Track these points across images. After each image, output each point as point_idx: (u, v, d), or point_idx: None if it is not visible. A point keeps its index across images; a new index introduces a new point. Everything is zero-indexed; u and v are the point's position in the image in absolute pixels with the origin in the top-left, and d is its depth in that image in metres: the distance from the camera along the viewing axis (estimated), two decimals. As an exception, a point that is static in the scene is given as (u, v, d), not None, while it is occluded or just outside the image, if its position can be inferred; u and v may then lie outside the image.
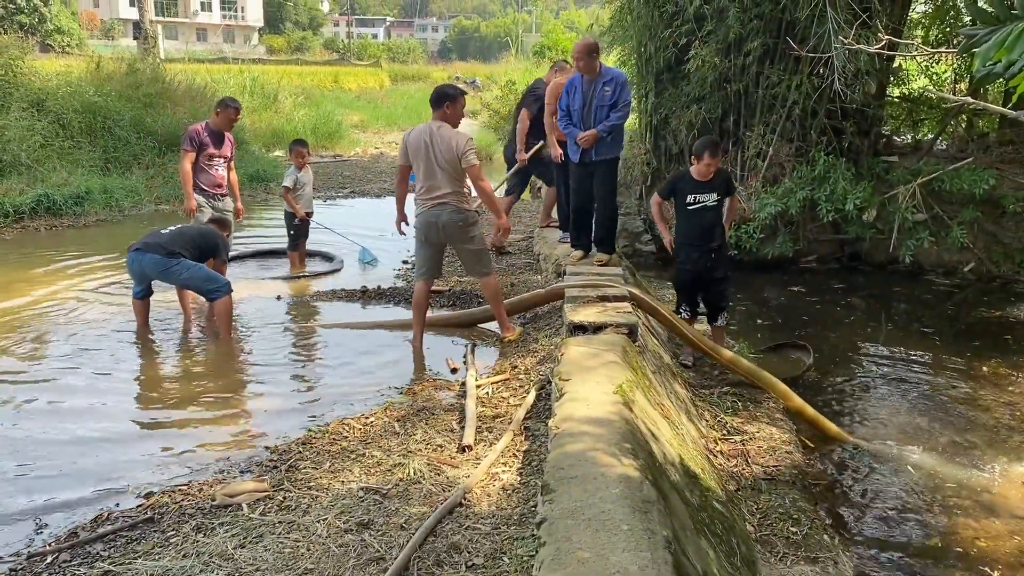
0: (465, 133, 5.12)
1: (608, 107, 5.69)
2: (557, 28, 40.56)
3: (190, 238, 5.56)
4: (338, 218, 10.36)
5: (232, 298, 5.51)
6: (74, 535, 3.03)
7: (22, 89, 11.69)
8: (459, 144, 4.99)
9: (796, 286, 8.52)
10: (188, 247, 5.46)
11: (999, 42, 2.11)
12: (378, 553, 2.72)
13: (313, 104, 21.59)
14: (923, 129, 11.15)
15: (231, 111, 6.70)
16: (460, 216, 5.13)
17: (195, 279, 5.43)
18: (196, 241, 5.57)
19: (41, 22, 39.71)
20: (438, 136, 5.01)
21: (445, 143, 4.99)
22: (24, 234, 9.02)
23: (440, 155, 4.99)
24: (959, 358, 6.39)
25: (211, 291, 5.42)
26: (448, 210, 5.08)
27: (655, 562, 2.13)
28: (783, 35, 8.56)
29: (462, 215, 5.14)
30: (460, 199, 5.13)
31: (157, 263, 5.33)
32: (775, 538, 3.53)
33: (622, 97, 5.78)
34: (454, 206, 5.09)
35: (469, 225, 5.21)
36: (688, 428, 4.21)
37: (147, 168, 11.97)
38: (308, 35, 66.29)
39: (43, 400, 4.48)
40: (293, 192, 7.48)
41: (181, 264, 5.35)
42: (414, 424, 3.94)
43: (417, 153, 5.06)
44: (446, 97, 5.07)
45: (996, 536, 3.85)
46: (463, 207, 5.15)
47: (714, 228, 5.38)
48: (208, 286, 5.42)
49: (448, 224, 5.12)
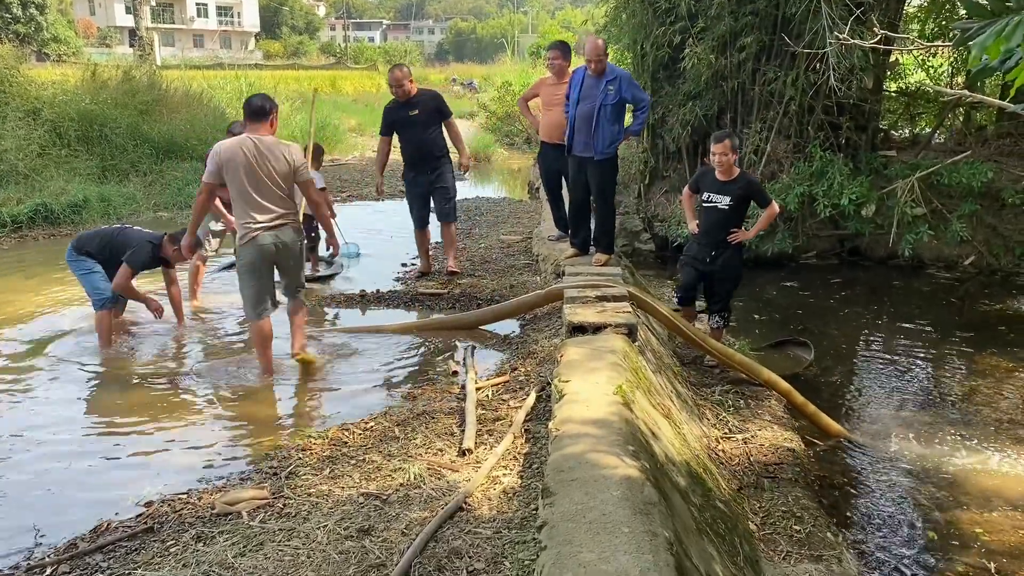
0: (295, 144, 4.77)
1: (612, 106, 5.71)
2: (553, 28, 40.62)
3: (107, 240, 5.50)
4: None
5: (107, 316, 5.40)
6: (73, 546, 3.02)
7: (18, 98, 11.67)
8: (295, 157, 4.63)
9: (796, 282, 8.51)
10: (97, 248, 5.44)
11: (995, 34, 2.09)
12: (379, 559, 2.71)
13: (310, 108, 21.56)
14: (921, 123, 11.16)
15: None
16: (300, 236, 4.88)
17: (84, 283, 5.44)
18: (108, 243, 5.47)
19: (38, 31, 39.71)
20: (265, 149, 4.55)
21: (276, 156, 4.58)
22: (22, 244, 9.01)
23: (273, 170, 4.57)
24: (960, 352, 6.38)
25: (92, 301, 5.42)
26: (289, 231, 4.72)
27: (657, 565, 2.12)
28: (778, 31, 8.55)
29: (301, 235, 4.89)
30: (296, 218, 4.84)
31: (67, 254, 5.42)
32: (778, 537, 3.52)
33: (635, 95, 5.80)
34: (294, 226, 4.78)
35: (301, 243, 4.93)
36: (690, 427, 4.19)
37: (145, 175, 11.95)
38: (304, 39, 66.35)
39: (40, 409, 4.46)
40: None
41: (78, 263, 5.39)
42: (414, 428, 3.92)
43: (237, 170, 4.51)
44: (268, 112, 4.61)
45: (999, 530, 3.84)
46: (299, 226, 4.89)
47: (721, 230, 5.34)
48: (92, 296, 5.40)
49: (292, 244, 4.76)
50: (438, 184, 6.83)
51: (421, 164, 6.76)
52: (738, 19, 8.70)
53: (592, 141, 5.78)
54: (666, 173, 10.28)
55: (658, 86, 9.65)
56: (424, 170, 6.78)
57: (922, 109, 10.93)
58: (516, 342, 5.46)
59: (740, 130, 9.27)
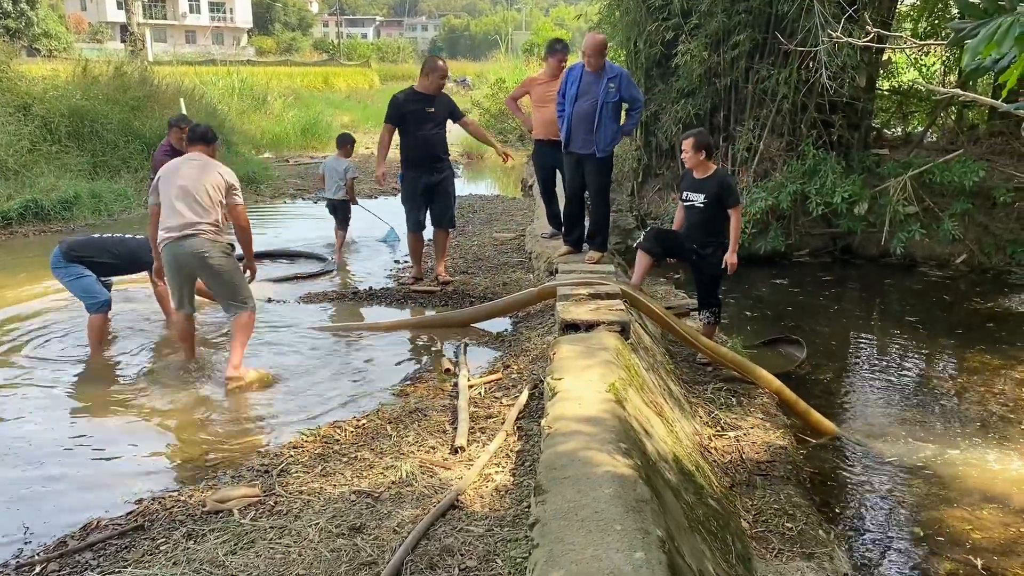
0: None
1: (613, 104, 5.71)
2: (547, 26, 40.61)
3: (113, 245, 5.46)
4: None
5: (101, 319, 5.36)
6: (63, 544, 3.00)
7: (8, 94, 11.59)
8: (231, 179, 4.80)
9: (788, 280, 8.53)
10: (109, 253, 5.40)
11: (988, 36, 2.10)
12: (370, 557, 2.70)
13: (303, 105, 21.51)
14: (913, 122, 11.20)
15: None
16: (217, 249, 4.78)
17: (75, 288, 5.38)
18: (121, 247, 5.45)
19: (28, 26, 39.43)
20: (200, 163, 4.78)
21: (209, 172, 4.75)
22: (12, 240, 8.95)
23: (199, 183, 4.70)
24: (951, 350, 6.41)
25: (87, 305, 5.37)
26: (199, 241, 4.70)
27: (649, 562, 2.11)
28: (772, 29, 8.56)
29: (218, 247, 4.79)
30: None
31: (53, 261, 5.36)
32: (770, 534, 3.52)
33: (632, 95, 5.81)
34: (209, 237, 4.74)
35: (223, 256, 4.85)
36: (682, 425, 4.19)
37: (136, 172, 11.88)
38: (297, 36, 66.11)
39: (29, 407, 4.43)
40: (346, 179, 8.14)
41: (67, 270, 5.33)
42: (406, 426, 3.92)
43: (168, 179, 4.72)
44: (212, 140, 4.92)
45: (989, 527, 3.86)
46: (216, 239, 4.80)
47: (699, 229, 5.33)
48: (86, 300, 5.36)
49: (203, 255, 4.72)
50: (442, 187, 6.56)
51: (425, 164, 6.43)
52: (731, 16, 8.71)
53: (594, 138, 5.77)
54: (659, 171, 10.29)
55: (651, 83, 9.66)
56: (427, 171, 6.45)
57: (914, 108, 10.97)
58: (509, 339, 5.46)
59: (733, 128, 9.29)
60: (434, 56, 6.59)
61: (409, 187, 6.57)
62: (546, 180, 7.01)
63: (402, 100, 6.40)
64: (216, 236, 4.77)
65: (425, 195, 6.56)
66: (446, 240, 6.89)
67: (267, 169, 13.90)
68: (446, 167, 6.66)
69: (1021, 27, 2.02)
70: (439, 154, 6.51)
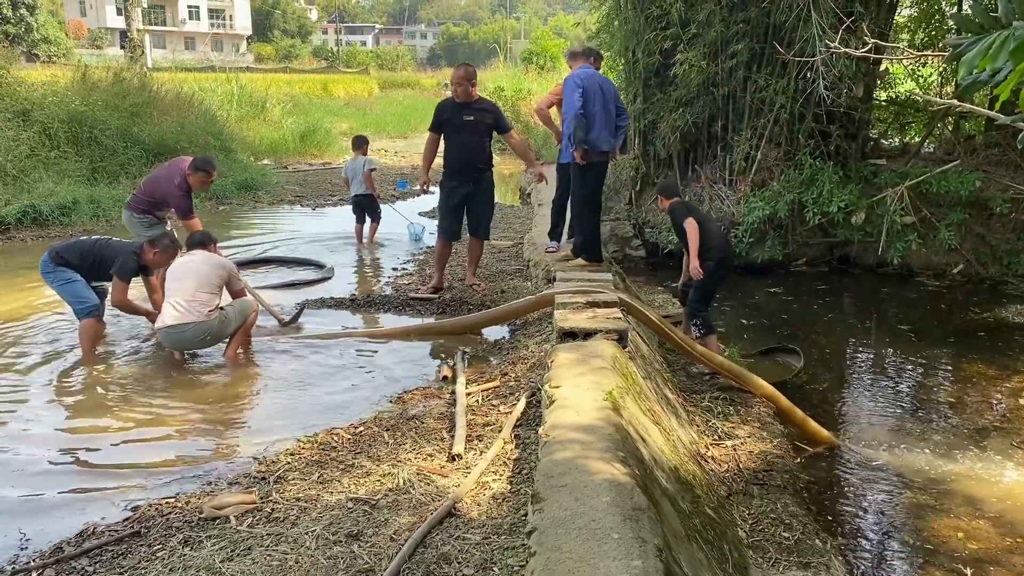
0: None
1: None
2: (546, 34, 40.63)
3: (88, 250, 5.45)
4: (327, 225, 10.36)
5: (92, 324, 5.36)
6: (59, 550, 3.00)
7: (8, 99, 11.60)
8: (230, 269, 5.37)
9: (785, 289, 8.54)
10: (78, 257, 5.38)
11: (983, 50, 2.12)
12: (367, 565, 2.70)
13: (302, 112, 21.53)
14: (910, 132, 11.23)
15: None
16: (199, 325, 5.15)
17: (64, 293, 5.38)
18: (91, 253, 5.43)
19: (28, 32, 39.52)
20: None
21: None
22: (10, 245, 8.94)
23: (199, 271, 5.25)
24: (947, 359, 6.42)
25: (76, 310, 5.38)
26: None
27: (647, 570, 2.12)
28: (769, 39, 8.60)
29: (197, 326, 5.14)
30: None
31: (42, 266, 5.37)
32: (767, 543, 3.52)
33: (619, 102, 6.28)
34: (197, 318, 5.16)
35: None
36: (679, 434, 4.20)
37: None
38: (297, 43, 66.26)
39: (23, 413, 4.43)
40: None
41: (55, 274, 5.33)
42: (404, 433, 3.92)
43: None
44: (207, 243, 5.49)
45: (984, 537, 3.86)
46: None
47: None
48: (75, 305, 5.37)
49: (187, 335, 5.15)
50: (481, 198, 6.58)
51: (463, 173, 6.44)
52: (729, 26, 8.75)
53: (611, 138, 6.16)
54: (657, 180, 10.30)
55: (649, 92, 9.68)
56: (466, 180, 6.45)
57: (912, 118, 11.01)
58: (507, 347, 5.46)
59: (731, 137, 9.31)
60: (462, 63, 6.53)
61: (446, 196, 6.60)
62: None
63: (442, 108, 6.47)
64: (208, 316, 5.12)
65: (461, 206, 6.57)
66: (480, 249, 6.93)
67: (266, 175, 13.91)
68: (486, 177, 6.59)
69: (1015, 41, 2.04)
70: (476, 163, 6.47)
